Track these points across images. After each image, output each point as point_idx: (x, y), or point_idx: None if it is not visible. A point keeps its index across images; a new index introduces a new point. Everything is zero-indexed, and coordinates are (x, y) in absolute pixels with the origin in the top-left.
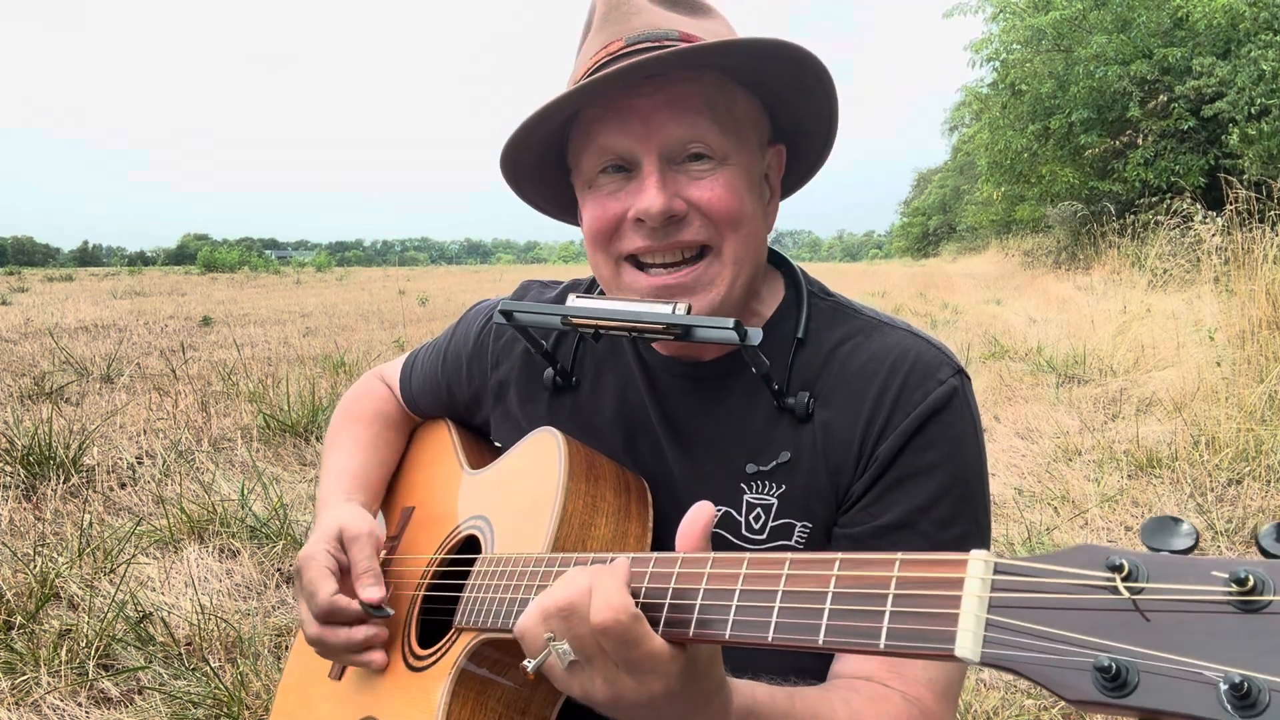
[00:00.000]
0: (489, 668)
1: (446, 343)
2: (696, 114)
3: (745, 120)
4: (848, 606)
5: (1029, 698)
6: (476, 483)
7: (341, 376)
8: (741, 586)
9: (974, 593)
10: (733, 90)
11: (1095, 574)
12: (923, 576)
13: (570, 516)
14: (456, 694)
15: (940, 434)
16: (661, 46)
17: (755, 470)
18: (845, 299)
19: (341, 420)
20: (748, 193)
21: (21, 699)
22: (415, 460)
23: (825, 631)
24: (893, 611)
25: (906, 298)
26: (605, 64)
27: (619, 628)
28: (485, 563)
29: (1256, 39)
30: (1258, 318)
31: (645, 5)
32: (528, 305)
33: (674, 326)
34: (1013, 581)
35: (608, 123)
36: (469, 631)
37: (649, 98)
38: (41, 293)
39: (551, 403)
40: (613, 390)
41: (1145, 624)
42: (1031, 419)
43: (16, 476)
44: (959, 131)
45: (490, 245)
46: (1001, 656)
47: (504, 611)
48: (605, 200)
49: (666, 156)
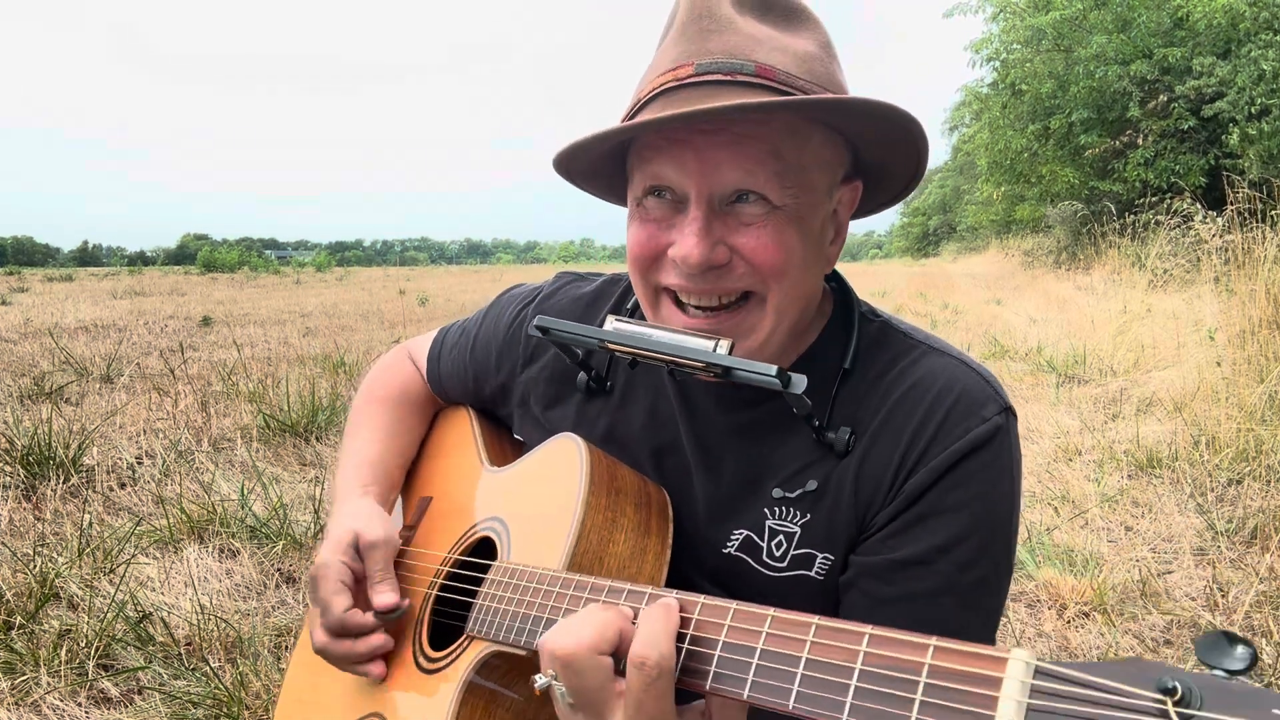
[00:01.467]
0: (498, 680)
1: (477, 328)
2: (758, 162)
3: (815, 164)
4: (875, 687)
5: None
6: (496, 482)
7: (341, 376)
8: (763, 645)
9: (1012, 695)
10: (807, 132)
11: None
12: (958, 670)
13: (588, 532)
14: (465, 702)
15: (975, 473)
16: (733, 80)
17: (781, 496)
18: (894, 319)
19: (365, 400)
20: (801, 241)
21: (21, 699)
22: (436, 448)
23: (850, 710)
24: (923, 701)
25: (907, 298)
26: (671, 88)
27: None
28: (499, 571)
29: (1256, 39)
30: (1258, 317)
31: (730, 18)
32: (565, 325)
33: (714, 365)
34: (1054, 689)
35: (662, 151)
36: (480, 640)
37: (709, 135)
38: (41, 293)
39: (582, 406)
40: (645, 402)
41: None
42: (1031, 419)
43: (16, 476)
44: (959, 131)
45: (490, 245)
46: None
47: (515, 627)
48: (649, 227)
49: (716, 199)
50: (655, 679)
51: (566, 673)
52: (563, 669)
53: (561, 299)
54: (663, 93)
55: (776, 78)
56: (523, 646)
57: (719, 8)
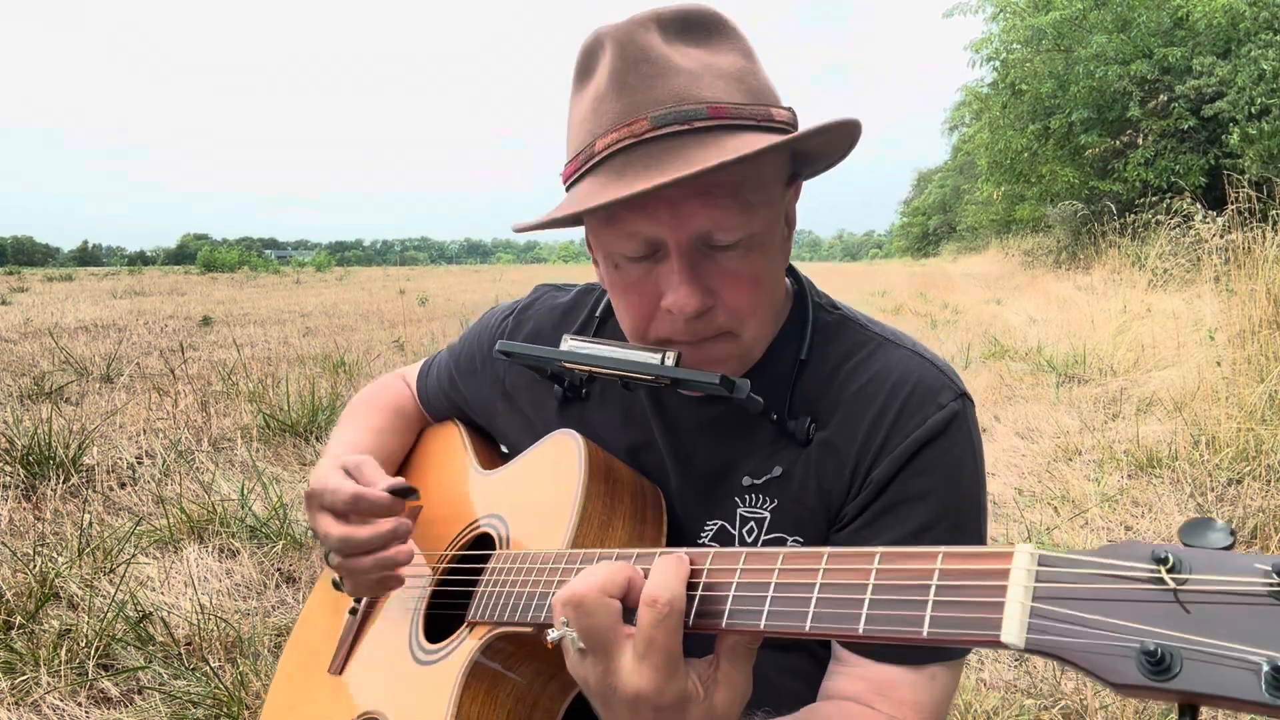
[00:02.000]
0: (501, 662)
1: (461, 347)
2: (727, 204)
3: (773, 179)
4: (889, 597)
5: (1029, 697)
6: (491, 482)
7: (341, 376)
8: (777, 580)
9: (1019, 582)
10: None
11: (1139, 565)
12: (967, 569)
13: (590, 516)
14: (468, 687)
15: (936, 460)
16: (691, 129)
17: (750, 484)
18: (852, 312)
19: (356, 404)
20: (769, 265)
21: (21, 699)
22: (423, 458)
23: (865, 620)
24: (936, 601)
25: (907, 297)
26: (629, 146)
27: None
28: (501, 559)
29: (1256, 39)
30: (1258, 317)
31: (666, 59)
32: (525, 347)
33: (662, 376)
34: (1056, 573)
35: (633, 209)
36: (483, 625)
37: (681, 189)
38: (41, 292)
39: (560, 412)
40: (619, 403)
41: (1186, 614)
42: (1031, 419)
43: (16, 476)
44: (959, 131)
45: (490, 245)
46: (1046, 643)
47: (521, 606)
48: (638, 289)
49: (695, 243)
50: (666, 616)
51: (577, 614)
52: (574, 611)
53: (539, 309)
54: (620, 151)
55: (727, 113)
56: (528, 623)
57: (651, 48)
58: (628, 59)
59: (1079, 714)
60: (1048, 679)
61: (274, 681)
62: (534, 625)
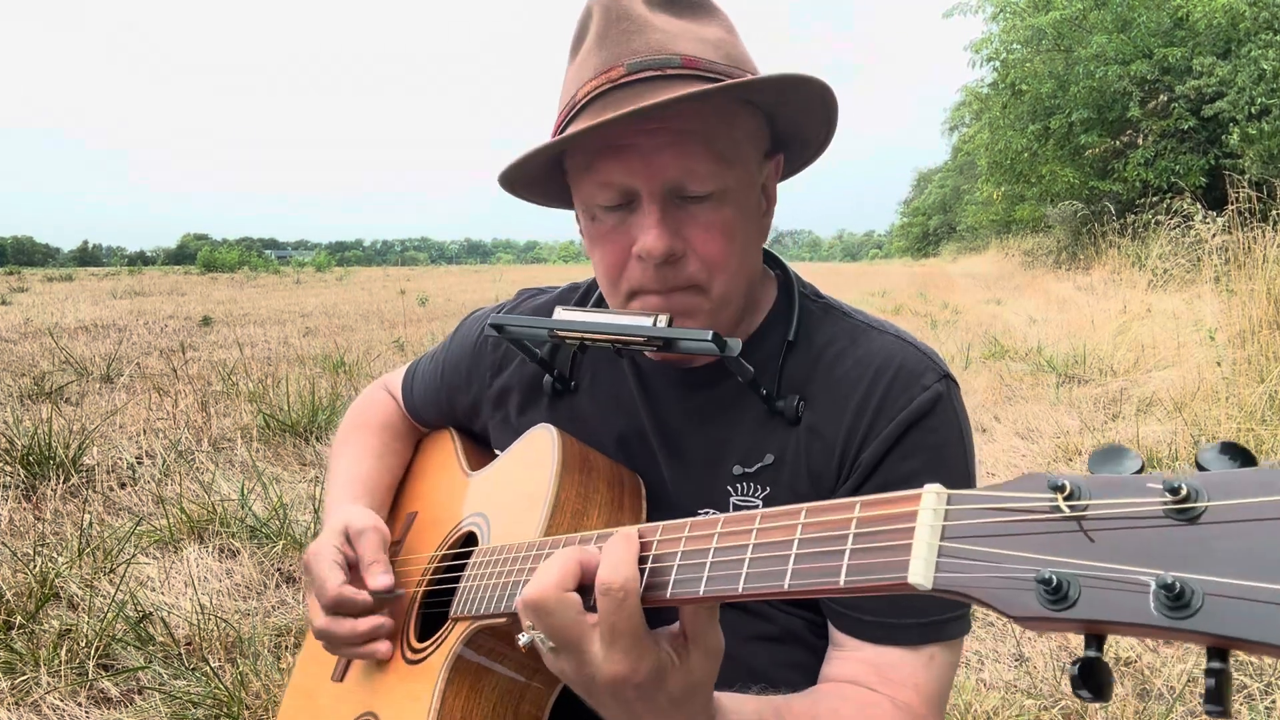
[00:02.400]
0: (484, 655)
1: (444, 352)
2: (698, 152)
3: (746, 139)
4: (811, 550)
5: (1029, 698)
6: (475, 483)
7: (341, 376)
8: (715, 545)
9: (926, 523)
10: (734, 111)
11: (1039, 495)
12: (880, 514)
13: (563, 505)
14: (452, 682)
15: (923, 440)
16: (664, 75)
17: (741, 472)
18: (836, 301)
19: (348, 428)
20: (742, 221)
21: (21, 699)
22: (420, 469)
23: (791, 576)
24: (852, 549)
25: (906, 298)
26: (606, 90)
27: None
28: (481, 554)
29: (1256, 39)
30: (1258, 317)
31: (646, 19)
32: (516, 319)
33: (655, 339)
34: (964, 510)
35: (607, 157)
36: (464, 621)
37: (650, 135)
38: (41, 293)
39: (550, 407)
40: (608, 394)
41: (1087, 541)
42: (1031, 419)
43: (16, 476)
44: (959, 131)
45: (490, 245)
46: (952, 580)
47: (496, 598)
48: (611, 237)
49: (667, 193)
50: (622, 600)
51: (540, 617)
52: (535, 615)
53: (523, 310)
54: (598, 96)
55: (701, 66)
56: (502, 614)
57: (633, 9)
58: (610, 18)
59: (1079, 714)
60: (1048, 679)
61: (285, 696)
62: (507, 616)
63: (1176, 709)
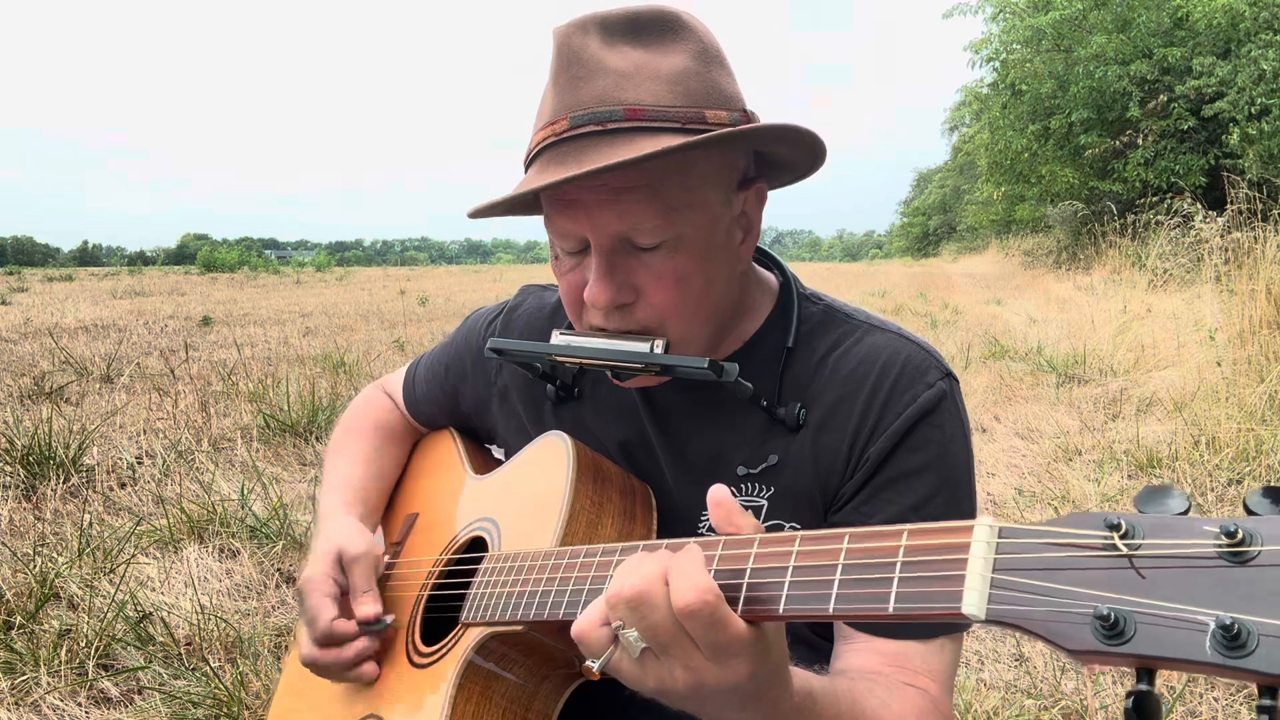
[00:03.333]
0: (495, 662)
1: (448, 350)
2: (641, 208)
3: (704, 182)
4: (857, 576)
5: (1029, 697)
6: (482, 486)
7: (341, 376)
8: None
9: (979, 555)
10: (685, 160)
11: (1094, 534)
12: (929, 544)
13: (578, 514)
14: (462, 688)
15: (929, 436)
16: (603, 130)
17: (745, 473)
18: (835, 302)
19: (343, 432)
20: (701, 264)
21: (21, 699)
22: (419, 469)
23: (835, 600)
24: (901, 577)
25: (906, 298)
26: (550, 144)
27: (706, 609)
28: (493, 559)
29: (1256, 39)
30: (1258, 317)
31: (598, 59)
32: (516, 344)
33: (652, 364)
34: (1016, 544)
35: (559, 209)
36: (476, 626)
37: (593, 192)
38: (41, 293)
39: (554, 411)
40: (611, 399)
41: (1141, 579)
42: (1031, 419)
43: (16, 476)
44: (959, 131)
45: (490, 245)
46: (1006, 613)
47: (511, 605)
48: (569, 277)
49: (617, 244)
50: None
51: (642, 612)
52: (632, 612)
53: (529, 309)
54: (546, 148)
55: (647, 115)
56: (519, 621)
57: (585, 50)
58: (562, 60)
59: (1079, 714)
60: (1048, 679)
61: (278, 690)
62: (524, 623)
63: (1176, 709)
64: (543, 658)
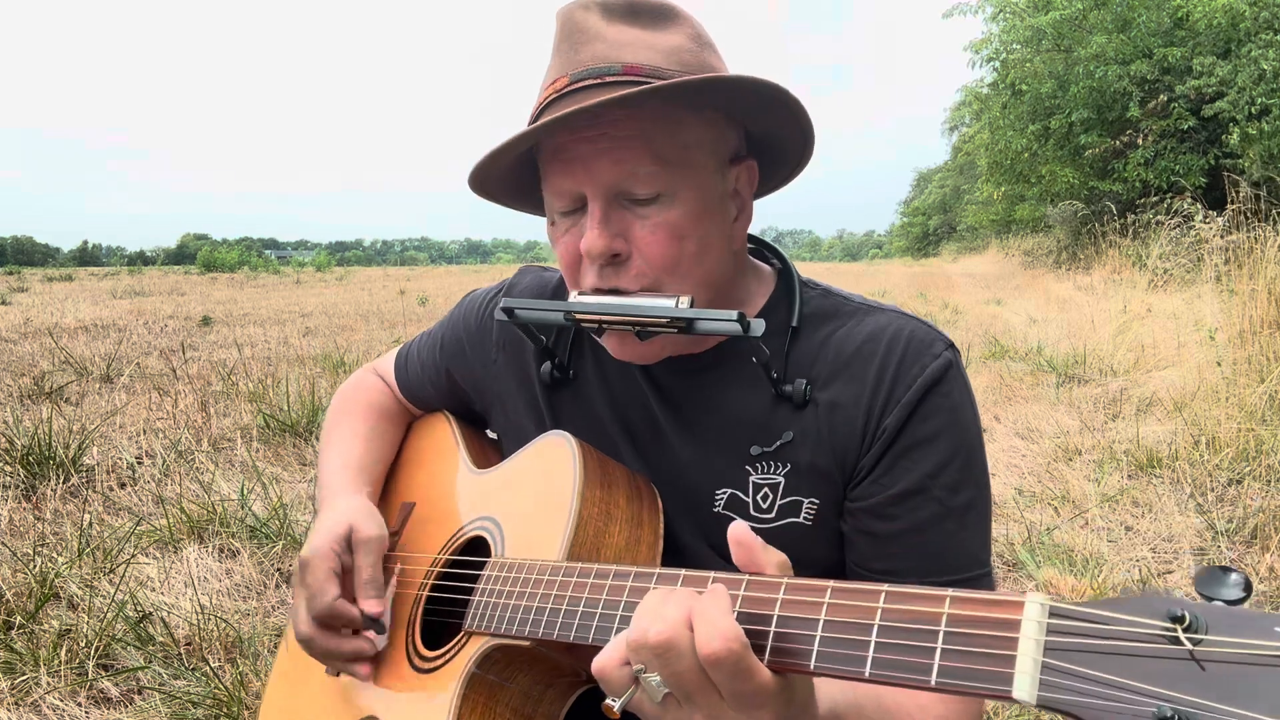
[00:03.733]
0: (499, 672)
1: (444, 330)
2: (635, 155)
3: (697, 145)
4: (895, 640)
5: None
6: (483, 482)
7: (341, 376)
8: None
9: (1030, 635)
10: (679, 117)
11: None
12: (975, 615)
13: (585, 523)
14: (467, 698)
15: (940, 404)
16: (601, 83)
17: (760, 451)
18: (833, 288)
19: (337, 414)
20: (694, 224)
21: (21, 699)
22: (414, 454)
23: (872, 664)
24: (944, 649)
25: (906, 297)
26: (551, 101)
27: (732, 658)
28: (496, 566)
29: (1257, 38)
30: (1259, 317)
31: (599, 29)
32: (529, 302)
33: (678, 320)
34: (1069, 626)
35: (555, 164)
36: (480, 635)
37: (590, 142)
38: (41, 292)
39: (550, 395)
40: (610, 382)
41: (1202, 674)
42: (1031, 419)
43: (16, 476)
44: (959, 131)
45: (490, 245)
46: (1058, 700)
47: (518, 619)
48: (565, 240)
49: (610, 196)
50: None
51: (667, 659)
52: (660, 657)
53: (528, 285)
54: (545, 107)
55: (643, 73)
56: (525, 637)
57: (587, 21)
58: (564, 31)
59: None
60: None
61: (270, 679)
62: (531, 640)
63: None
64: (548, 667)
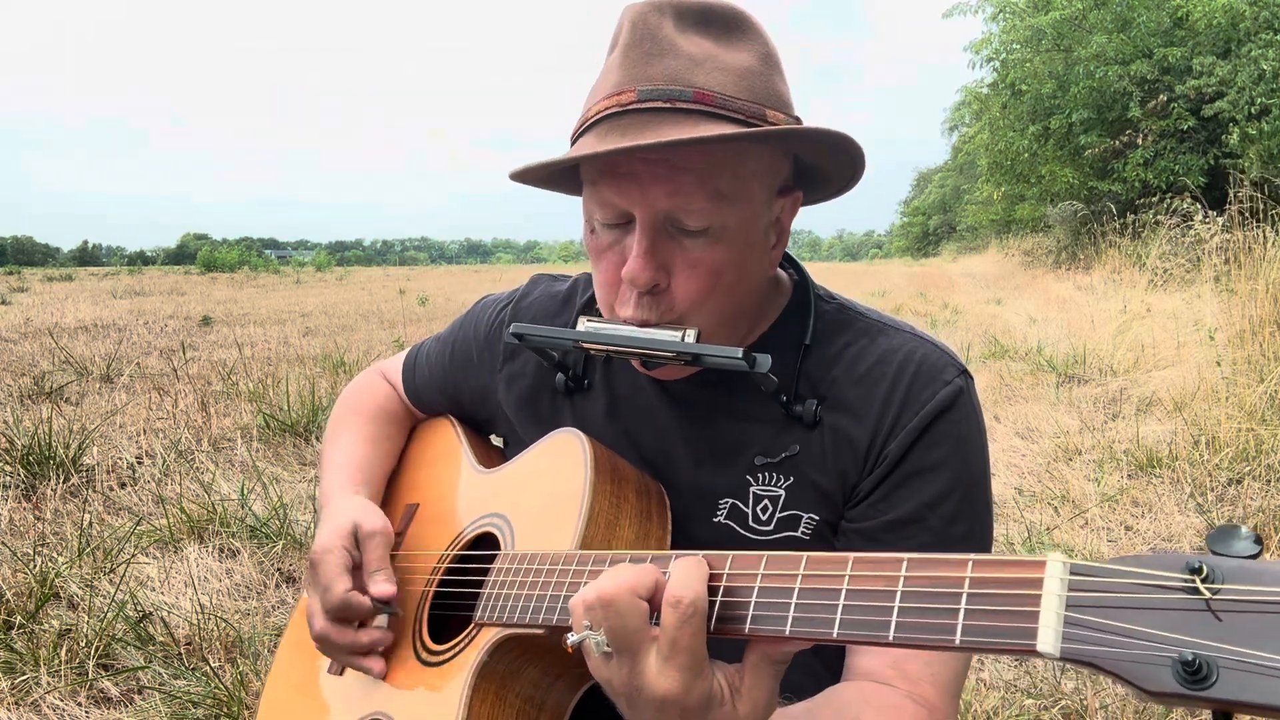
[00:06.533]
0: (510, 663)
1: (454, 335)
2: (695, 190)
3: (754, 177)
4: (919, 604)
5: (1029, 697)
6: (490, 481)
7: (341, 376)
8: (800, 585)
9: (1053, 591)
10: (744, 149)
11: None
12: (999, 577)
13: (597, 515)
14: (478, 689)
15: (947, 433)
16: (672, 107)
17: (763, 462)
18: (849, 301)
19: (342, 414)
20: (737, 262)
21: (21, 699)
22: (418, 456)
23: (895, 628)
24: (968, 609)
25: (906, 297)
26: (614, 114)
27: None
28: (507, 559)
29: (1257, 38)
30: (1258, 317)
31: (671, 41)
32: (539, 329)
33: (683, 354)
34: (1089, 582)
35: (607, 177)
36: (490, 627)
37: (648, 165)
38: (41, 292)
39: (563, 403)
40: (621, 392)
41: (1219, 623)
42: (1031, 419)
43: (16, 476)
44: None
45: (490, 245)
46: (1081, 651)
47: (530, 608)
48: (607, 255)
49: (660, 224)
50: (690, 616)
51: (607, 614)
52: (602, 611)
53: (539, 297)
54: (607, 117)
55: (714, 102)
56: (540, 625)
57: (661, 29)
58: (635, 35)
59: (1079, 714)
60: (1047, 679)
61: (269, 680)
62: (545, 627)
63: (1176, 709)
64: (557, 657)
